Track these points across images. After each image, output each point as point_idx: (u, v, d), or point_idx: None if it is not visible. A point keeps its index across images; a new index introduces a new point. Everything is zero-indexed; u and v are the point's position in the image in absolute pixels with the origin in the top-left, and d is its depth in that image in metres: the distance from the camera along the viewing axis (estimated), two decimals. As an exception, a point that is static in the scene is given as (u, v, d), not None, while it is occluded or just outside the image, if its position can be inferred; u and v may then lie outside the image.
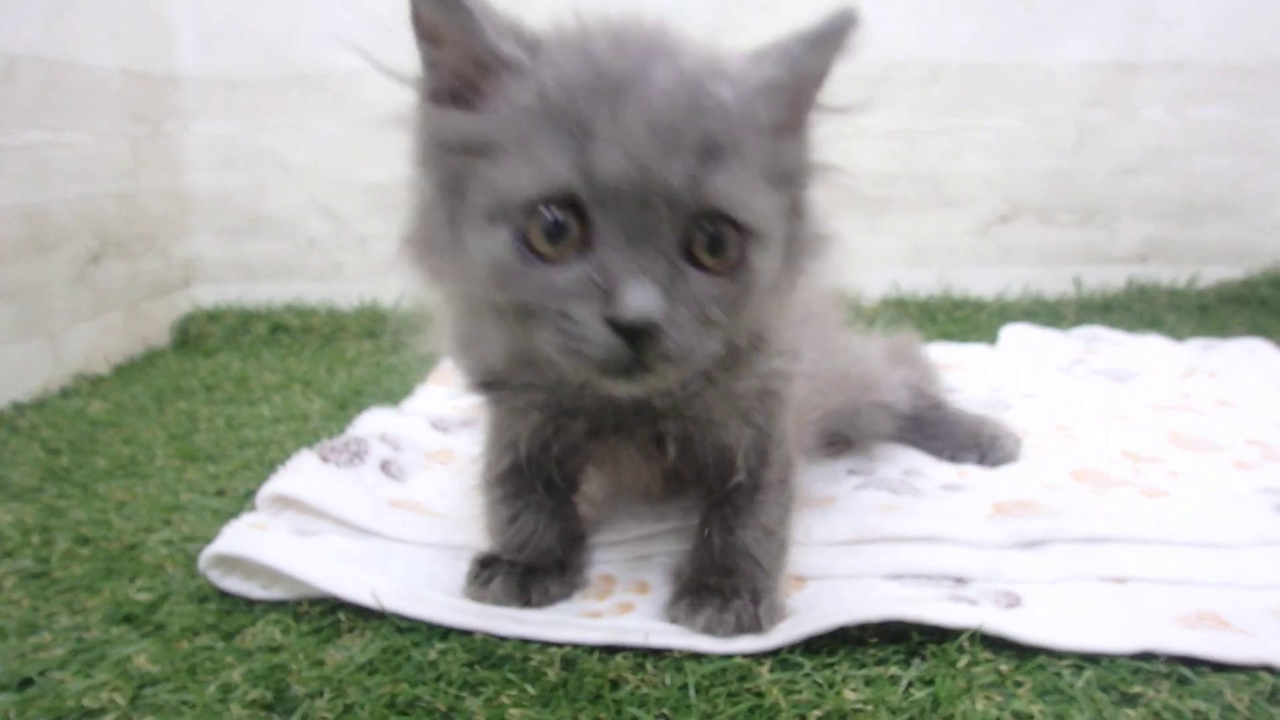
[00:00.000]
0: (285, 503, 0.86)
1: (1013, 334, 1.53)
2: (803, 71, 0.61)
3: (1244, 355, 1.34)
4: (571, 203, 0.56)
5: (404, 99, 0.68)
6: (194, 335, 1.74)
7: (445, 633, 0.72)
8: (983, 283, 1.83)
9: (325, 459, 0.92)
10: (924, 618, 0.67)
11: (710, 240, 0.57)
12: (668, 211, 0.55)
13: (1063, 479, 0.96)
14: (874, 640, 0.69)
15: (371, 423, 1.06)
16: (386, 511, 0.87)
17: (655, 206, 0.55)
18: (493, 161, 0.57)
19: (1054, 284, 1.85)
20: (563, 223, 0.56)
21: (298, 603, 0.76)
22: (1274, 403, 1.18)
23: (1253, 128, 1.79)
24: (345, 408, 1.32)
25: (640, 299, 0.54)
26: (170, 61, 1.73)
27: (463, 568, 0.79)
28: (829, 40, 0.61)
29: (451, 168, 0.60)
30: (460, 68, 0.61)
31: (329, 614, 0.75)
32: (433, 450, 1.04)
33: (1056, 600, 0.73)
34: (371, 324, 1.76)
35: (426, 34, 0.62)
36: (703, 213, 0.56)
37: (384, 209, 1.81)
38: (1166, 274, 1.84)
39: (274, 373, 1.52)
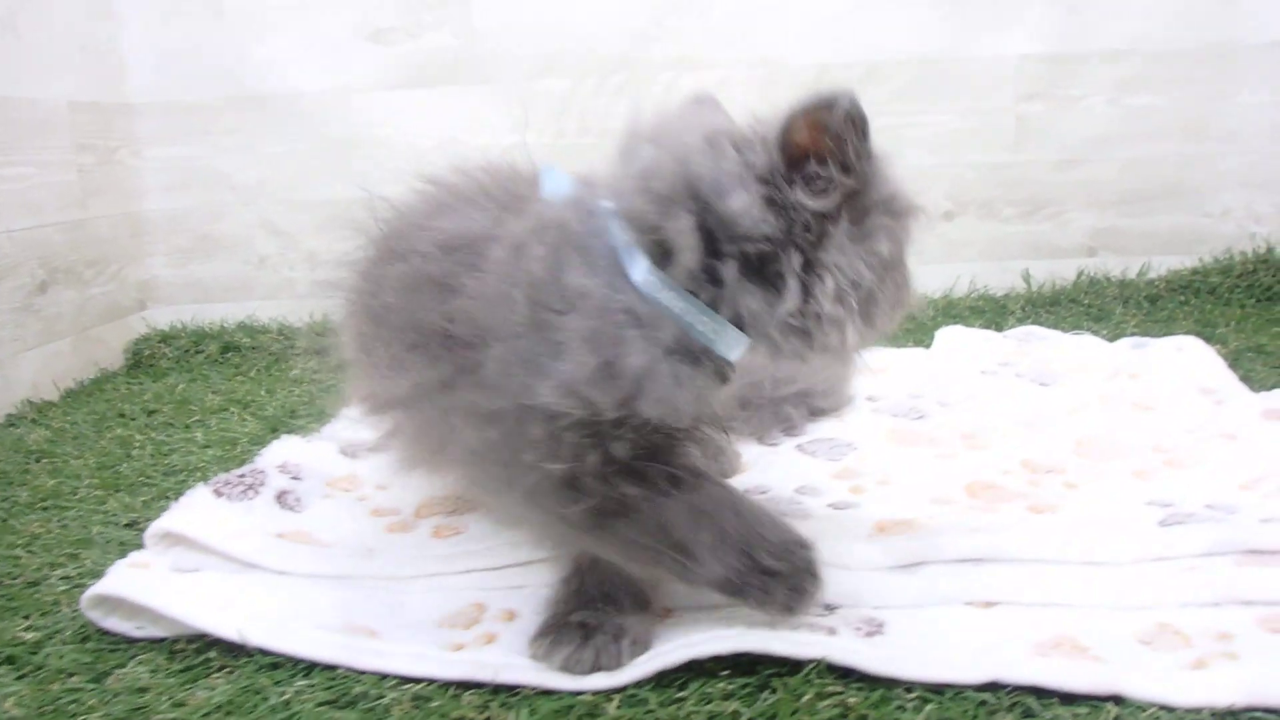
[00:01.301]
0: (173, 539, 0.85)
1: (946, 336, 1.50)
2: None
3: (1172, 353, 1.31)
4: None
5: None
6: (146, 357, 1.73)
7: (310, 668, 0.70)
8: (929, 280, 1.80)
9: (218, 493, 0.91)
10: (769, 649, 0.66)
11: None
12: None
13: (956, 493, 0.93)
14: (726, 673, 0.67)
15: (276, 452, 1.05)
16: (272, 544, 0.86)
17: None
18: None
19: (1001, 279, 1.81)
20: None
21: (175, 641, 0.75)
22: (1189, 405, 1.15)
23: (1195, 113, 1.74)
24: (277, 430, 1.31)
25: None
26: (124, 89, 1.73)
27: (345, 596, 0.78)
28: None
29: None
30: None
31: (202, 652, 0.74)
32: (336, 477, 1.03)
33: (919, 627, 0.71)
34: (323, 341, 1.74)
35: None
36: None
37: (330, 226, 1.80)
38: (1116, 265, 1.80)
39: (216, 394, 1.51)
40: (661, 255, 0.63)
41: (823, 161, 0.63)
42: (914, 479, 0.98)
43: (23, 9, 1.48)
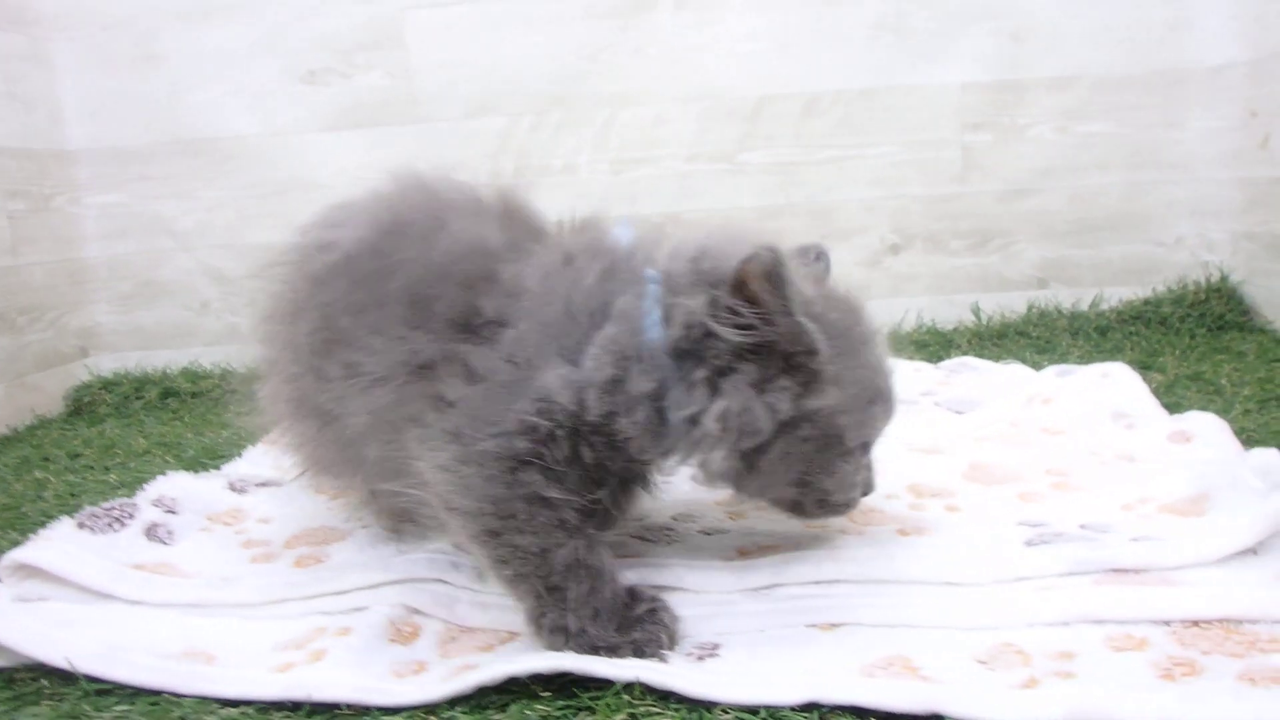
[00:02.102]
0: (27, 571, 0.86)
1: None
2: None
3: (1096, 379, 1.30)
4: None
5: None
6: (86, 404, 1.76)
7: (136, 694, 0.72)
8: (876, 314, 1.79)
9: (82, 525, 0.92)
10: (589, 670, 0.66)
11: None
12: None
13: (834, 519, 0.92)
14: (548, 694, 0.67)
15: (157, 487, 1.06)
16: (127, 574, 0.87)
17: None
18: None
19: (949, 312, 1.81)
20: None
21: (16, 670, 0.76)
22: (1097, 429, 1.14)
23: (1143, 141, 1.75)
24: (190, 470, 1.32)
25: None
26: (59, 136, 1.78)
27: (192, 624, 0.80)
28: None
29: None
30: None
31: (36, 680, 0.75)
32: (218, 511, 1.04)
33: (755, 649, 0.71)
34: (254, 383, 1.77)
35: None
36: None
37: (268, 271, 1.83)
38: (1068, 297, 1.79)
39: (146, 438, 1.53)
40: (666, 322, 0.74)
41: (752, 304, 0.71)
42: None
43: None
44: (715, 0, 1.74)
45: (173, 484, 1.08)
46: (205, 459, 1.39)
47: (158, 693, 0.71)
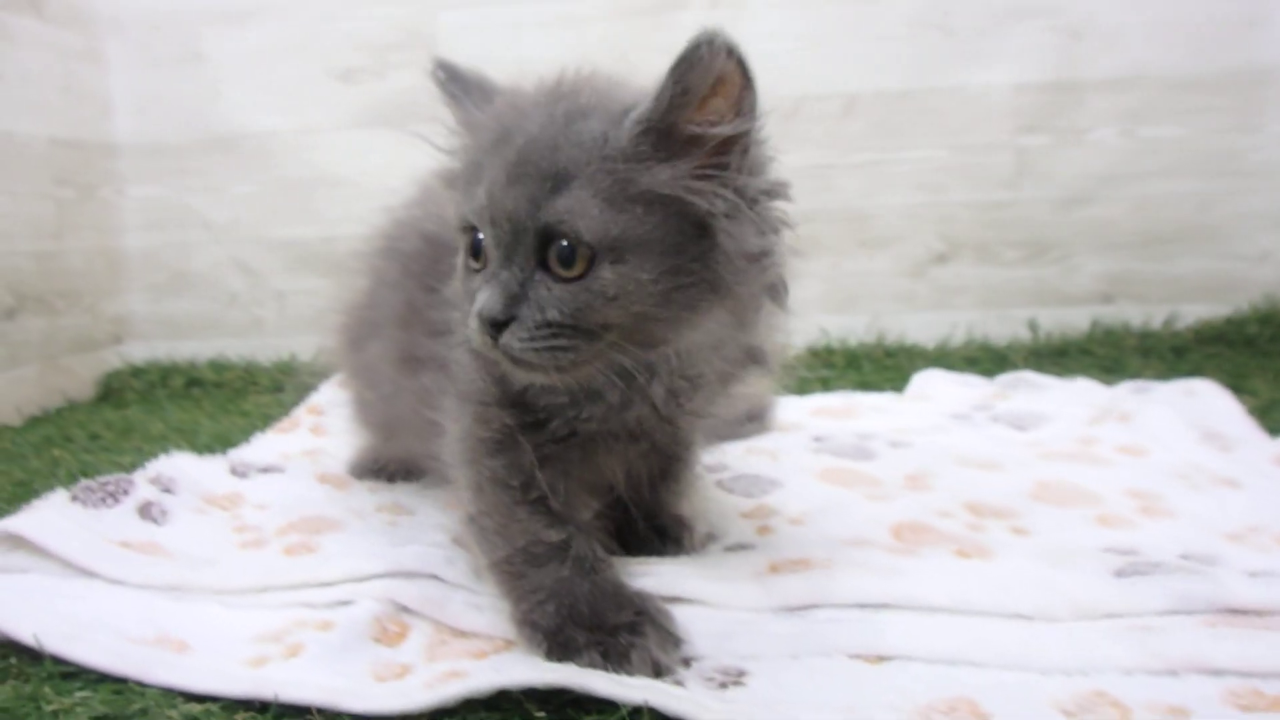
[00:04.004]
0: (15, 541, 0.90)
1: (922, 381, 1.48)
2: (664, 99, 0.69)
3: (1179, 397, 1.25)
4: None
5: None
6: (115, 389, 1.87)
7: (102, 679, 0.74)
8: (921, 329, 1.78)
9: (75, 498, 0.97)
10: (589, 688, 0.65)
11: (560, 253, 0.70)
12: (517, 233, 0.71)
13: (878, 535, 0.89)
14: (542, 714, 0.66)
15: (158, 466, 1.11)
16: (112, 551, 0.90)
17: (505, 229, 0.72)
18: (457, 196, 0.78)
19: (1003, 328, 1.77)
20: (479, 244, 0.74)
21: None
22: (1186, 450, 1.08)
23: (1215, 146, 1.70)
24: (201, 455, 1.40)
25: (482, 301, 0.71)
26: (107, 130, 1.91)
27: (169, 607, 0.82)
28: (684, 62, 0.67)
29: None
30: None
31: (4, 658, 0.78)
32: (216, 494, 1.09)
33: (787, 679, 0.67)
34: (284, 378, 1.86)
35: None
36: (546, 231, 0.70)
37: (299, 265, 1.93)
38: (1137, 314, 1.74)
39: (164, 423, 1.62)
40: None
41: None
42: (834, 519, 0.95)
43: (4, 53, 1.66)
44: None
45: (172, 464, 1.12)
46: (216, 445, 1.47)
47: (122, 679, 0.73)
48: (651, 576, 0.80)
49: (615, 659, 0.68)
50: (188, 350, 1.95)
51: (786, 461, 1.17)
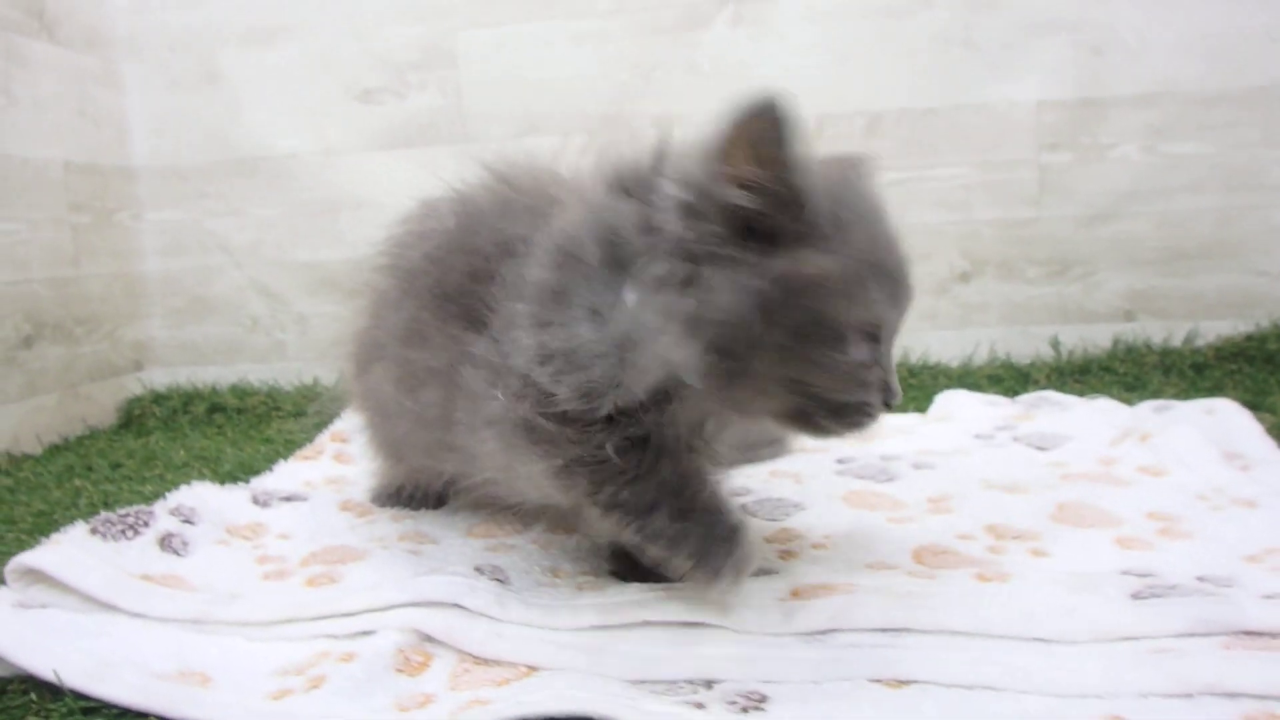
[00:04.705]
0: (34, 576, 0.87)
1: (946, 400, 1.46)
2: None
3: (1199, 416, 1.21)
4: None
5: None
6: (137, 416, 1.83)
7: (123, 714, 0.71)
8: (945, 346, 1.76)
9: (95, 531, 0.92)
10: (608, 715, 0.63)
11: None
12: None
13: (900, 558, 0.87)
14: None
15: (179, 496, 1.08)
16: (133, 585, 0.86)
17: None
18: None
19: (1025, 346, 1.74)
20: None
21: (9, 680, 0.76)
22: (1207, 470, 1.06)
23: (1241, 162, 1.67)
24: (224, 483, 1.38)
25: (897, 387, 0.73)
26: (124, 154, 1.88)
27: (192, 640, 0.79)
28: None
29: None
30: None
31: (24, 693, 0.75)
32: (238, 524, 1.04)
33: (810, 704, 0.65)
34: (307, 403, 1.83)
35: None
36: None
37: (320, 288, 1.91)
38: (1158, 331, 1.71)
39: (187, 450, 1.59)
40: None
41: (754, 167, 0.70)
42: (857, 543, 0.93)
43: (17, 76, 1.64)
44: (772, 14, 1.73)
45: (194, 494, 1.08)
46: (239, 473, 1.43)
47: (144, 714, 0.70)
48: (672, 602, 0.78)
49: (707, 563, 0.72)
50: (209, 376, 1.92)
51: (811, 484, 1.13)
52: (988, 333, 1.76)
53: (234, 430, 1.74)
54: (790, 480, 1.16)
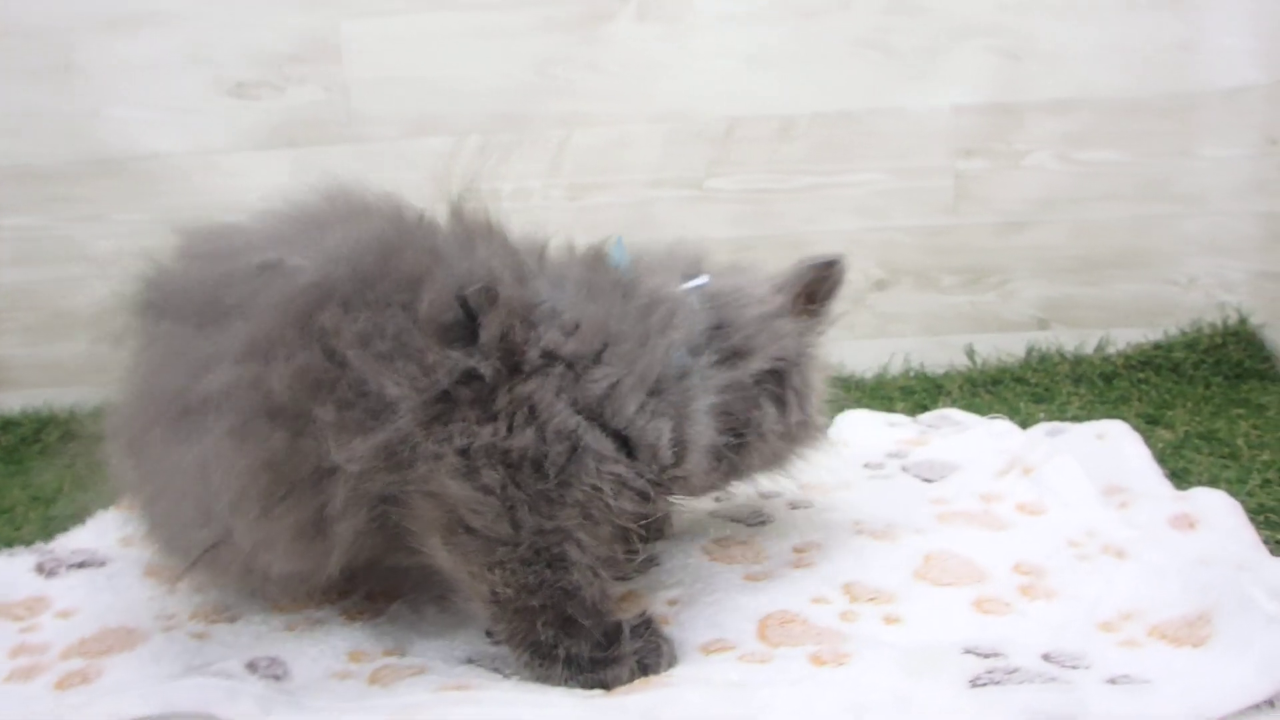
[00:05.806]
0: None
1: (845, 423, 1.38)
2: None
3: (1090, 441, 1.16)
4: None
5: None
6: (-18, 445, 1.65)
7: None
8: (861, 356, 1.67)
9: None
10: None
11: None
12: None
13: (742, 634, 0.77)
14: None
15: None
16: None
17: None
18: None
19: (941, 355, 1.65)
20: None
21: None
22: (1082, 510, 0.98)
23: (1153, 170, 1.61)
24: (49, 534, 1.20)
25: None
26: (-31, 154, 1.68)
27: None
28: None
29: None
30: None
31: None
32: (13, 600, 0.89)
33: None
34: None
35: None
36: None
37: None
38: (1071, 339, 1.66)
39: (22, 489, 1.41)
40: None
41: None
42: (701, 613, 0.82)
43: None
44: (682, 12, 1.59)
45: None
46: (69, 522, 1.24)
47: None
48: (471, 704, 0.66)
49: (649, 664, 0.73)
50: (71, 398, 1.73)
51: (679, 526, 1.01)
52: (903, 343, 1.68)
53: (84, 463, 1.55)
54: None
